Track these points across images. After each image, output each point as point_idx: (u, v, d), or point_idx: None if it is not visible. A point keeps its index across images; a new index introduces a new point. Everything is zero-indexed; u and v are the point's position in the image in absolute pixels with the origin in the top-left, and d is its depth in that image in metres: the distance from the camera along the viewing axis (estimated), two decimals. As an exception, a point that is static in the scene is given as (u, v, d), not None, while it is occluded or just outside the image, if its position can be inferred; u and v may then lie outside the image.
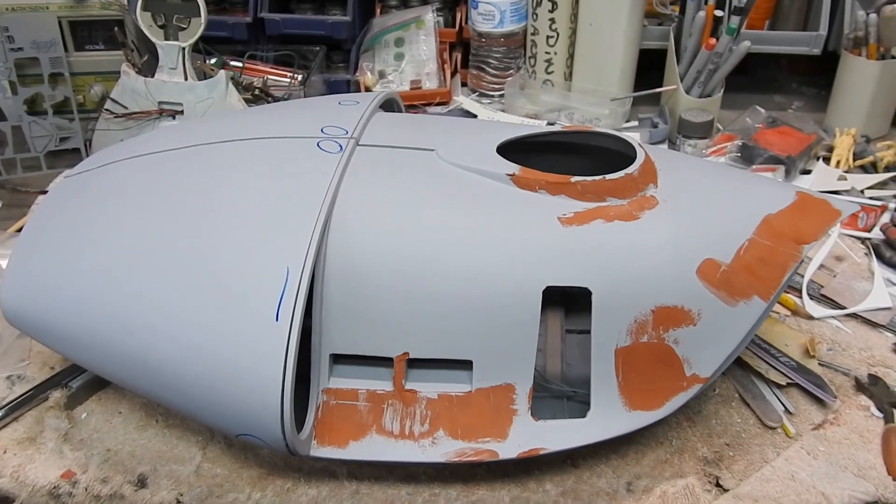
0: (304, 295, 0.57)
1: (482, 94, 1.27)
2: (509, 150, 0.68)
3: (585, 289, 0.60)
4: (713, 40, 1.04)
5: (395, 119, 0.78)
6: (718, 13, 1.06)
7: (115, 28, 1.05)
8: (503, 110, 1.23)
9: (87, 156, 1.09)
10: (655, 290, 0.60)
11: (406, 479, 0.66)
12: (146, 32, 0.97)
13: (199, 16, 0.96)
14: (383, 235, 0.62)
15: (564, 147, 0.75)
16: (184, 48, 0.97)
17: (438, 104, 1.24)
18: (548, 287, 0.60)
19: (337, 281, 0.61)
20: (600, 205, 0.63)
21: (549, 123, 1.16)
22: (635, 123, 1.17)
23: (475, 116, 1.21)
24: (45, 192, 1.03)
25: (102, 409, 0.73)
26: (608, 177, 0.64)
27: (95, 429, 0.72)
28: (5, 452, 0.69)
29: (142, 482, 0.66)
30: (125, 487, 0.66)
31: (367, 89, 1.24)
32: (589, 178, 0.63)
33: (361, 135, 0.70)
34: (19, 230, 0.97)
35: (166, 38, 0.98)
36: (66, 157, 1.12)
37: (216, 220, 0.62)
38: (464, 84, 1.30)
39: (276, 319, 0.56)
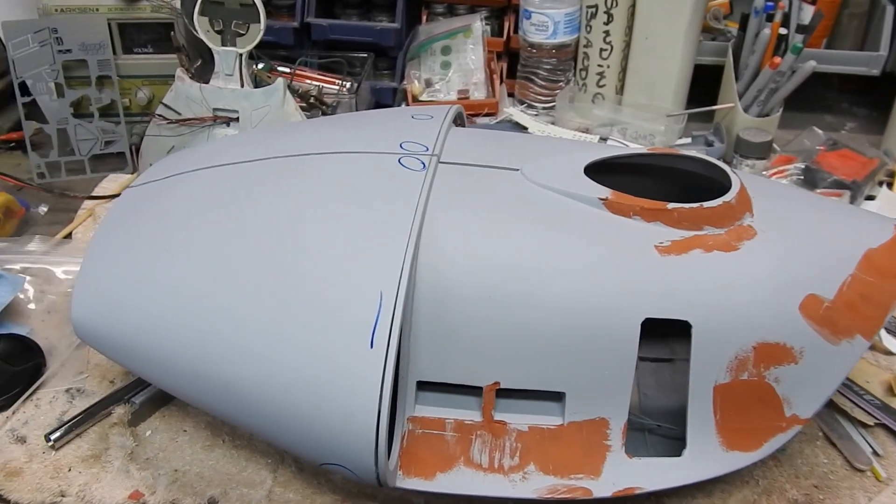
0: (399, 321, 0.55)
1: (529, 106, 1.25)
2: (590, 169, 0.67)
3: (672, 319, 0.58)
4: (778, 59, 1.03)
5: (471, 135, 0.76)
6: (783, 31, 1.04)
7: (172, 32, 1.03)
8: (553, 123, 1.21)
9: (133, 160, 1.08)
10: (757, 325, 0.58)
11: (487, 511, 0.64)
12: (203, 37, 0.95)
13: (259, 21, 0.94)
14: (475, 260, 0.60)
15: (645, 168, 0.73)
16: (241, 54, 0.95)
17: (486, 115, 1.23)
18: (647, 320, 0.58)
19: (426, 305, 0.59)
20: (698, 233, 0.61)
21: (602, 138, 1.14)
22: (688, 140, 1.15)
23: (525, 129, 1.19)
24: (92, 198, 1.01)
25: (167, 426, 0.71)
26: (706, 204, 0.62)
27: (161, 447, 0.70)
28: (70, 470, 0.67)
29: (213, 506, 0.64)
30: (196, 511, 0.64)
31: (415, 98, 1.23)
32: (686, 206, 0.61)
33: (442, 151, 0.68)
34: (67, 236, 0.95)
35: (223, 44, 0.96)
36: (111, 160, 1.11)
37: (302, 238, 0.60)
38: (510, 94, 1.28)
39: (371, 346, 0.54)
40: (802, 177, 1.02)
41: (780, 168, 1.04)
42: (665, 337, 0.76)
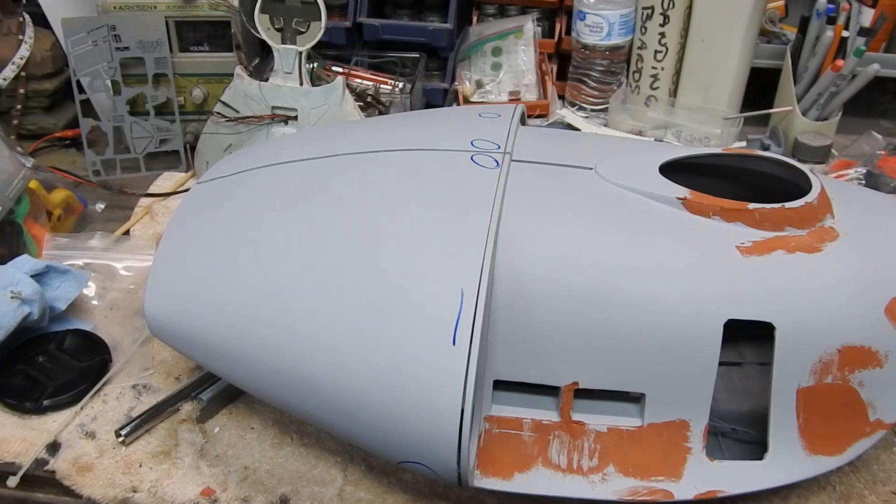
0: (480, 318, 0.54)
1: (580, 108, 1.24)
2: (662, 170, 0.66)
3: (750, 321, 0.57)
4: (840, 62, 1.01)
5: (540, 133, 0.75)
6: (845, 34, 1.03)
7: (232, 31, 1.03)
8: (605, 125, 1.20)
9: (188, 159, 1.09)
10: (842, 328, 0.58)
11: (561, 513, 0.63)
12: (263, 35, 0.96)
13: (319, 19, 0.94)
14: (553, 259, 0.59)
15: (716, 169, 0.72)
16: (301, 52, 0.95)
17: (538, 116, 1.22)
18: (729, 320, 0.57)
19: (504, 304, 0.58)
20: (779, 234, 0.60)
21: (657, 140, 1.13)
22: (744, 144, 1.14)
23: (578, 130, 1.18)
24: (149, 195, 1.01)
25: (234, 424, 0.71)
26: (787, 205, 0.61)
27: (230, 444, 0.69)
28: (141, 466, 0.67)
29: (285, 503, 0.64)
30: (268, 508, 0.64)
31: (466, 98, 1.22)
32: (767, 206, 0.61)
33: (514, 149, 0.68)
34: (126, 233, 0.96)
35: (283, 42, 0.96)
36: (165, 159, 1.11)
37: (381, 234, 0.59)
38: (560, 97, 1.28)
39: (454, 343, 0.54)
40: (864, 181, 1.01)
41: (840, 172, 1.03)
42: (733, 340, 0.75)
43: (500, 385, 0.61)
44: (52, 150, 1.17)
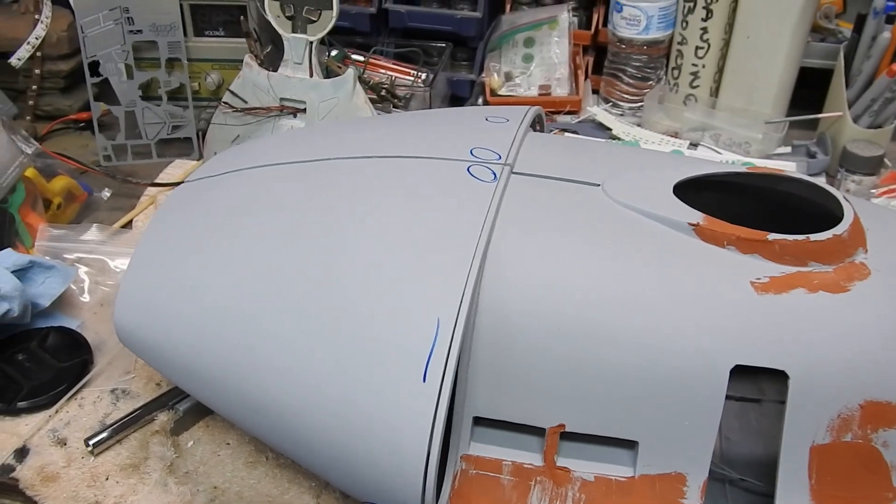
0: (455, 353, 0.49)
1: (614, 105, 1.18)
2: (679, 187, 0.60)
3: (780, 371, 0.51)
4: (896, 67, 0.93)
5: (550, 142, 0.70)
6: (904, 36, 0.95)
7: (241, 17, 0.99)
8: (638, 124, 1.14)
9: (200, 146, 1.05)
10: (866, 380, 0.51)
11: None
12: (273, 23, 0.91)
13: (331, 8, 0.89)
14: (545, 287, 0.54)
15: (741, 187, 0.66)
16: (311, 42, 0.91)
17: (568, 112, 1.16)
18: (736, 366, 0.51)
19: (488, 335, 0.53)
20: (801, 270, 0.54)
21: (692, 144, 1.06)
22: (788, 150, 1.06)
23: (609, 130, 1.12)
24: (155, 185, 0.98)
25: (210, 438, 0.68)
26: (812, 237, 0.54)
27: (202, 461, 0.66)
28: (108, 479, 0.64)
29: (250, 532, 0.60)
30: (232, 537, 0.60)
31: (493, 91, 1.17)
32: (789, 238, 0.54)
33: (515, 160, 0.62)
34: (127, 224, 0.93)
35: (294, 31, 0.91)
36: (177, 145, 1.08)
37: (357, 254, 0.55)
38: (594, 91, 1.21)
39: (424, 380, 0.49)
40: (916, 198, 0.93)
41: (890, 187, 0.95)
42: (754, 374, 0.68)
43: (480, 422, 0.56)
44: (67, 132, 1.15)
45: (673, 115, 1.11)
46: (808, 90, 1.10)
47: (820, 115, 1.05)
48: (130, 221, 0.94)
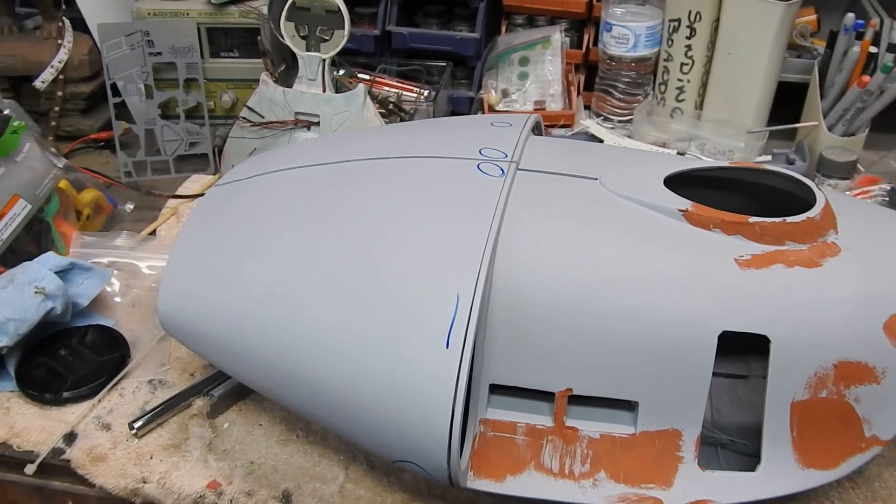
0: (475, 323, 0.55)
1: (605, 119, 1.25)
2: (669, 181, 0.66)
3: (750, 334, 0.57)
4: (867, 78, 1.00)
5: (551, 144, 0.76)
6: (873, 49, 1.02)
7: (259, 37, 1.06)
8: (629, 136, 1.21)
9: (216, 162, 1.12)
10: (839, 343, 0.57)
11: (556, 518, 0.64)
12: (288, 42, 0.98)
13: (343, 28, 0.96)
14: (551, 267, 0.60)
15: (725, 182, 0.72)
16: (324, 60, 0.98)
17: (562, 126, 1.23)
18: (724, 332, 0.57)
19: (502, 310, 0.59)
20: (779, 248, 0.61)
21: (680, 153, 1.13)
22: (769, 158, 1.13)
23: (601, 141, 1.18)
24: (176, 196, 1.04)
25: (244, 420, 0.73)
26: (789, 219, 0.61)
27: (238, 440, 0.71)
28: (152, 458, 0.69)
29: (286, 498, 0.66)
30: (270, 502, 0.65)
31: (491, 108, 1.23)
32: (768, 220, 0.61)
33: (521, 158, 0.69)
34: (152, 233, 0.98)
35: (307, 49, 0.98)
36: (194, 161, 1.14)
37: (383, 239, 0.61)
38: (586, 107, 1.28)
39: (447, 346, 0.55)
40: (888, 198, 1.00)
41: (863, 189, 1.02)
42: (741, 353, 0.75)
43: (495, 389, 0.62)
44: (87, 151, 1.21)
45: (661, 127, 1.18)
46: (789, 103, 1.17)
47: (798, 125, 1.12)
48: (154, 231, 1.00)
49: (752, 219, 0.61)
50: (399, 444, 0.57)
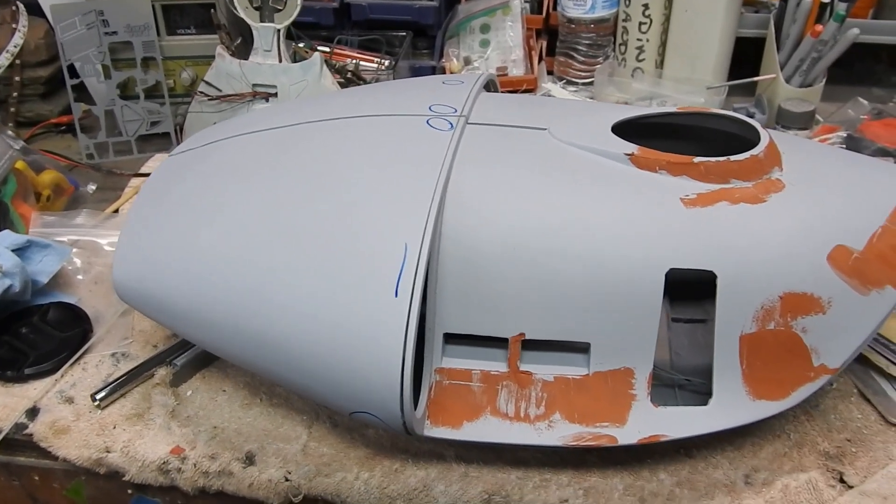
0: (423, 271, 0.55)
1: (569, 82, 1.25)
2: (619, 132, 0.67)
3: (700, 274, 0.58)
4: (819, 27, 1.01)
5: (501, 99, 0.76)
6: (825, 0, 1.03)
7: (212, 10, 1.05)
8: (592, 98, 1.21)
9: (178, 140, 1.11)
10: (784, 275, 0.58)
11: (516, 463, 0.64)
12: (242, 14, 0.98)
13: (296, -2, 0.96)
14: (500, 215, 0.60)
15: (675, 130, 0.73)
16: (279, 30, 0.97)
17: (525, 91, 1.23)
18: (671, 269, 0.58)
19: (452, 259, 0.60)
20: (724, 187, 0.61)
21: (641, 111, 1.14)
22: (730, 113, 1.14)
23: (563, 104, 1.19)
24: (139, 175, 1.04)
25: (207, 387, 0.74)
26: (732, 158, 0.61)
27: (201, 406, 0.72)
28: (115, 428, 0.69)
29: (250, 459, 0.66)
30: (233, 464, 0.66)
31: (453, 76, 1.23)
32: (712, 159, 0.61)
33: (470, 113, 0.69)
34: (115, 211, 0.98)
35: (262, 20, 0.98)
36: (156, 141, 1.13)
37: (331, 196, 0.61)
38: (549, 72, 1.28)
39: (396, 295, 0.55)
40: (845, 145, 1.01)
41: (822, 137, 1.03)
42: (699, 299, 0.75)
43: (450, 338, 0.62)
44: (49, 135, 1.20)
45: (622, 88, 1.19)
46: (748, 58, 1.17)
47: (756, 79, 1.13)
48: (117, 210, 0.99)
49: (697, 159, 0.61)
50: (354, 394, 0.57)
